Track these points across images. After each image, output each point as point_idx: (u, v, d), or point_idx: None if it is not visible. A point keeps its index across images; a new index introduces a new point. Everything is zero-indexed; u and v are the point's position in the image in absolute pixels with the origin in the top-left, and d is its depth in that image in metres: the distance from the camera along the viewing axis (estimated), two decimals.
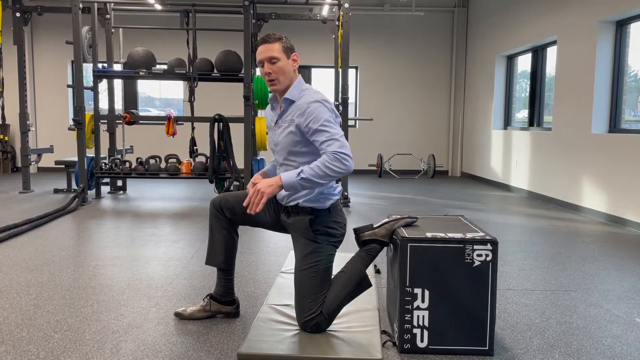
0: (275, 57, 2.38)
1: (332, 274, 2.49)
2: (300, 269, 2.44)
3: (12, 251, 4.07)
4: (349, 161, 2.23)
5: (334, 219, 2.48)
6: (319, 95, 2.38)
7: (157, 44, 9.43)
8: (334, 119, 2.35)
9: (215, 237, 2.62)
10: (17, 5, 7.16)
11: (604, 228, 5.29)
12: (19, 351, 2.30)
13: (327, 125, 2.29)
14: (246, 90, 6.33)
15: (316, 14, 7.81)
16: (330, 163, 2.21)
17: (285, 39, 2.43)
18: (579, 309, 2.94)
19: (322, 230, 2.44)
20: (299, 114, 2.35)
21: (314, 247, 2.43)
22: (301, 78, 2.50)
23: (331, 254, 2.48)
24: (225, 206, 2.58)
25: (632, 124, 5.82)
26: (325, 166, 2.22)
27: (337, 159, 2.22)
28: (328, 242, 2.46)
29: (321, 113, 2.31)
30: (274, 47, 2.38)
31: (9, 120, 9.77)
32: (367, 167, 10.40)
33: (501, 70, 8.83)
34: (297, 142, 2.39)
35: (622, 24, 5.71)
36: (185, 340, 2.44)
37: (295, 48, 2.50)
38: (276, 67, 2.38)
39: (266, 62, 2.39)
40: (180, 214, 5.77)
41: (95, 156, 6.99)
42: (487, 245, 2.28)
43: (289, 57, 2.42)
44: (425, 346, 2.32)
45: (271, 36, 2.42)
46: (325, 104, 2.35)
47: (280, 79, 2.40)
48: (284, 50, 2.40)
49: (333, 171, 2.22)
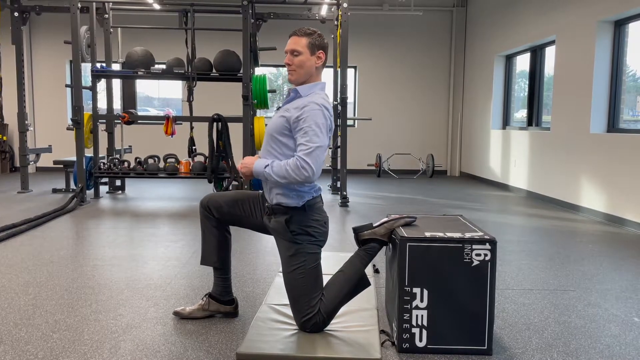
0: (297, 50, 2.42)
1: (321, 271, 2.47)
2: (287, 271, 2.43)
3: (10, 251, 4.06)
4: (307, 173, 2.24)
5: (313, 218, 2.45)
6: (324, 102, 2.39)
7: (156, 43, 9.40)
8: (325, 128, 2.33)
9: (207, 237, 2.62)
10: (16, 4, 7.14)
11: (602, 228, 5.30)
12: (17, 351, 2.30)
13: (313, 130, 2.28)
14: (245, 90, 6.32)
15: (315, 14, 7.81)
16: (291, 168, 2.26)
17: (316, 35, 2.46)
18: (577, 309, 2.94)
19: (300, 231, 2.42)
20: (297, 107, 2.36)
21: (296, 248, 2.42)
22: (323, 83, 2.51)
23: (315, 253, 2.45)
24: (213, 206, 2.59)
25: (630, 123, 5.83)
26: (286, 169, 2.27)
27: (297, 167, 2.25)
28: (309, 242, 2.43)
29: (316, 117, 2.31)
30: (300, 41, 2.43)
31: (8, 120, 9.74)
32: (366, 166, 10.41)
33: (500, 70, 8.83)
34: (282, 130, 2.40)
35: (621, 23, 5.71)
36: (184, 340, 2.44)
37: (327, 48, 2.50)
38: (297, 60, 2.43)
39: (289, 53, 2.44)
40: (179, 214, 5.77)
41: (93, 156, 6.98)
42: (485, 244, 2.28)
43: (314, 54, 2.44)
44: (424, 346, 2.32)
45: (303, 30, 2.46)
46: (324, 111, 2.35)
47: (298, 71, 2.44)
48: (310, 46, 2.43)
49: (290, 176, 2.27)
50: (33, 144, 9.99)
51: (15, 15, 7.16)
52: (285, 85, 11.68)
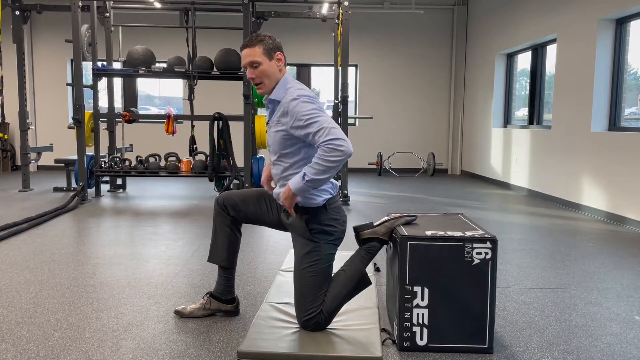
0: (256, 61, 2.36)
1: (332, 273, 2.49)
2: (299, 268, 2.44)
3: (11, 250, 4.07)
4: (343, 145, 2.18)
5: (332, 217, 2.45)
6: (299, 92, 2.34)
7: (157, 42, 9.41)
8: (318, 109, 2.29)
9: (219, 235, 2.62)
10: (17, 3, 7.15)
11: (603, 226, 5.29)
12: (18, 349, 2.30)
13: (311, 117, 2.25)
14: (245, 88, 6.32)
15: (316, 12, 7.80)
16: (327, 155, 2.19)
17: (267, 39, 2.39)
18: (578, 307, 2.94)
19: (319, 229, 2.42)
20: (284, 114, 2.34)
21: (312, 246, 2.42)
22: (288, 76, 2.46)
23: (331, 253, 2.46)
24: (229, 204, 2.59)
25: (631, 122, 5.82)
26: (323, 160, 2.19)
27: (331, 149, 2.18)
28: (326, 241, 2.44)
29: (302, 108, 2.27)
30: (255, 52, 2.36)
31: (9, 119, 9.76)
32: (366, 165, 10.40)
33: (501, 69, 8.82)
34: (286, 141, 2.37)
35: (622, 22, 5.70)
36: (185, 339, 2.44)
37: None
38: (258, 71, 2.37)
39: (248, 67, 2.38)
40: (180, 213, 5.78)
41: (94, 155, 6.99)
42: (486, 243, 2.28)
43: (272, 58, 2.39)
44: (424, 344, 2.33)
45: (253, 39, 2.38)
46: (303, 98, 2.31)
47: (264, 81, 2.39)
48: (266, 53, 2.37)
49: (333, 162, 2.19)
50: (34, 143, 10.00)
51: (17, 13, 7.17)
52: None
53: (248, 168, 6.43)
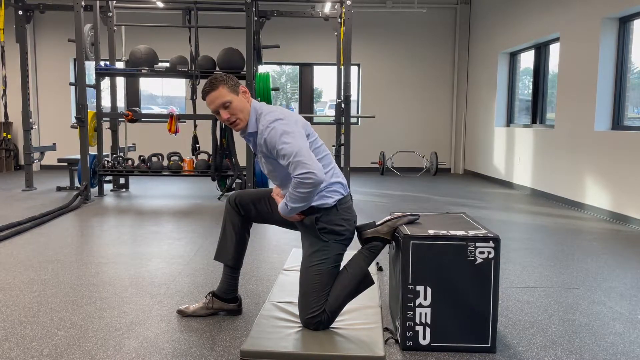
0: (227, 101, 2.35)
1: (337, 273, 2.49)
2: (306, 266, 2.45)
3: (15, 249, 4.08)
4: (311, 178, 2.20)
5: (342, 217, 2.47)
6: (269, 116, 2.35)
7: (159, 41, 9.42)
8: (291, 131, 2.28)
9: (228, 233, 2.63)
10: (20, 3, 7.17)
11: (607, 225, 5.28)
12: (22, 348, 2.31)
13: (282, 148, 2.26)
14: (248, 87, 6.32)
15: (318, 11, 7.80)
16: (298, 188, 2.26)
17: (226, 78, 2.39)
18: (581, 306, 2.94)
19: (328, 229, 2.44)
20: (265, 145, 2.35)
21: (321, 245, 2.43)
22: (254, 102, 2.46)
23: (339, 254, 2.47)
24: (241, 203, 2.60)
25: (635, 121, 5.81)
26: (296, 191, 2.27)
27: (299, 182, 2.23)
28: (335, 240, 2.45)
29: (275, 137, 2.29)
30: (221, 93, 2.35)
31: (12, 118, 9.79)
32: (369, 164, 10.40)
33: (504, 67, 8.81)
34: (277, 163, 2.39)
35: (626, 20, 5.69)
36: (188, 338, 2.45)
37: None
38: (232, 109, 2.36)
39: (220, 109, 2.37)
40: (182, 212, 5.78)
41: (97, 154, 7.01)
42: (489, 242, 2.28)
43: (238, 93, 2.39)
44: (427, 343, 2.32)
45: (213, 83, 2.36)
46: (273, 125, 2.31)
47: (239, 117, 2.39)
48: (232, 90, 2.37)
49: (305, 193, 2.26)
50: (37, 142, 10.02)
51: (20, 13, 7.19)
52: (288, 83, 11.68)
53: (250, 167, 6.43)
